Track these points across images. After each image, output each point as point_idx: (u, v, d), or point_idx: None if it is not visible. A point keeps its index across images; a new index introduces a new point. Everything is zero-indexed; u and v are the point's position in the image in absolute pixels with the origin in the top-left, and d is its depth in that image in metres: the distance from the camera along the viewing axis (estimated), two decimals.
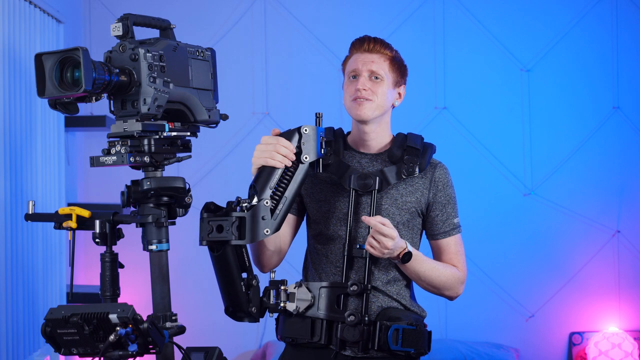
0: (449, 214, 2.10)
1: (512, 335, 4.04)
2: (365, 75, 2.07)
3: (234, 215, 1.78)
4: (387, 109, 2.10)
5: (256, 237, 1.79)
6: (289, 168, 1.88)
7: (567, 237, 4.05)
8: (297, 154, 1.89)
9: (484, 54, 4.06)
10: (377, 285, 2.05)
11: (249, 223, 1.78)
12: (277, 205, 1.83)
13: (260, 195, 1.81)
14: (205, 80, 1.83)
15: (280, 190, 1.85)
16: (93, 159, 1.73)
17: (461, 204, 2.36)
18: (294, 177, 1.88)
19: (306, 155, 1.90)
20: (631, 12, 4.07)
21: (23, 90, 2.90)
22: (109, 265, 1.76)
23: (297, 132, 1.91)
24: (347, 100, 2.09)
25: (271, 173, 1.85)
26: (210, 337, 3.68)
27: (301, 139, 1.90)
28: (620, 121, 4.06)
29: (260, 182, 1.84)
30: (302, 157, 1.90)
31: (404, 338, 1.99)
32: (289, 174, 1.88)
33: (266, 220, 1.80)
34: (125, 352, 1.59)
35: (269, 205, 1.81)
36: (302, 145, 1.90)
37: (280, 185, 1.86)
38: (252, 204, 1.80)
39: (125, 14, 1.70)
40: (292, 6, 4.03)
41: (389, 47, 2.12)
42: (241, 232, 1.78)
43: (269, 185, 1.83)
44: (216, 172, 4.01)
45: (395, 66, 2.11)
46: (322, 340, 1.99)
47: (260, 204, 1.80)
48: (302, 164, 1.89)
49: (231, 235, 1.77)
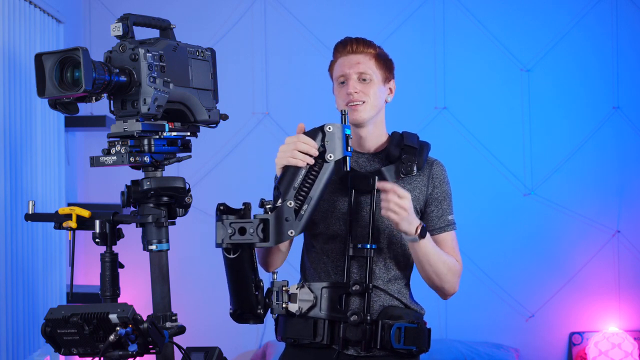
0: (444, 210, 2.10)
1: (512, 335, 4.04)
2: (354, 78, 2.06)
3: (258, 217, 1.75)
4: (381, 108, 2.10)
5: (280, 239, 1.76)
6: (313, 167, 1.84)
7: (567, 237, 4.05)
8: (321, 152, 1.85)
9: (484, 54, 4.06)
10: (378, 284, 2.05)
11: (273, 225, 1.75)
12: (302, 205, 1.79)
13: (284, 196, 1.78)
14: (205, 80, 1.83)
15: (304, 190, 1.81)
16: (93, 159, 1.73)
17: (461, 204, 2.36)
18: (319, 177, 1.83)
19: (330, 154, 1.84)
20: (631, 12, 4.07)
21: (23, 90, 2.90)
22: (109, 265, 1.76)
23: (321, 130, 1.86)
24: (340, 105, 2.09)
25: (295, 173, 1.82)
26: (210, 337, 3.68)
27: (325, 138, 1.86)
28: (620, 121, 4.06)
29: (283, 183, 1.81)
30: (326, 156, 1.84)
31: (406, 336, 1.99)
32: (314, 173, 1.84)
33: (290, 222, 1.76)
34: (125, 352, 1.59)
35: (292, 206, 1.77)
36: (326, 144, 1.85)
37: (305, 185, 1.82)
38: (275, 205, 1.77)
39: (125, 14, 1.70)
40: (292, 6, 4.04)
41: (372, 45, 2.11)
42: (265, 234, 1.75)
43: (293, 185, 1.80)
44: (216, 172, 4.01)
45: (381, 62, 2.10)
46: (325, 340, 1.99)
47: (283, 205, 1.77)
48: (327, 162, 1.85)
49: (256, 237, 1.74)
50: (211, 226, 4.14)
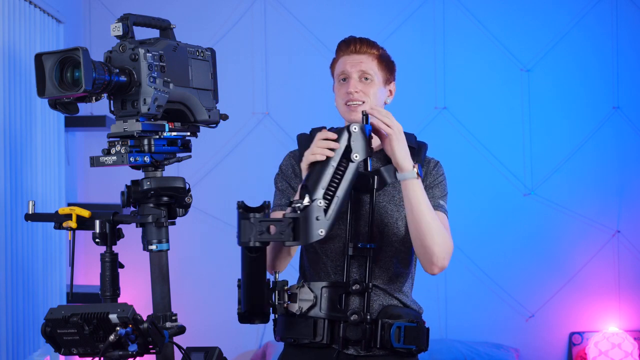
0: (435, 194, 2.08)
1: (512, 335, 4.04)
2: (355, 77, 2.06)
3: (289, 216, 1.75)
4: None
5: (311, 237, 1.75)
6: (339, 167, 1.85)
7: (567, 237, 4.05)
8: (347, 152, 1.86)
9: (484, 54, 4.06)
10: (378, 284, 2.05)
11: (304, 224, 1.74)
12: (330, 205, 1.79)
13: (313, 195, 1.78)
14: (205, 80, 1.83)
15: (331, 190, 1.82)
16: (93, 159, 1.73)
17: (461, 204, 2.37)
18: (345, 176, 1.84)
19: (356, 154, 1.85)
20: (631, 12, 4.07)
21: (23, 90, 2.90)
22: (109, 265, 1.76)
23: (347, 130, 1.87)
24: (340, 103, 2.09)
25: (322, 172, 1.82)
26: (210, 337, 3.68)
27: (350, 138, 1.86)
28: (620, 121, 4.06)
29: (311, 182, 1.81)
30: (352, 156, 1.85)
31: (405, 335, 1.99)
32: (340, 172, 1.85)
33: (320, 221, 1.75)
34: (125, 352, 1.60)
35: (322, 205, 1.77)
36: (351, 143, 1.86)
37: (332, 184, 1.83)
38: (305, 204, 1.77)
39: (125, 14, 1.70)
40: (292, 6, 4.04)
41: (375, 46, 2.11)
42: (295, 233, 1.75)
43: (321, 185, 1.80)
44: (216, 172, 4.01)
45: (383, 64, 2.10)
46: (325, 340, 1.99)
47: (314, 204, 1.76)
48: (352, 162, 1.85)
49: (287, 236, 1.73)
50: (211, 226, 4.17)
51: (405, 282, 2.11)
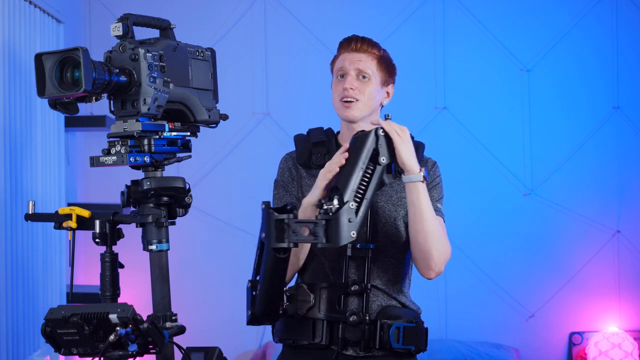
0: (433, 196, 2.08)
1: (512, 335, 4.04)
2: (353, 75, 2.07)
3: (322, 218, 1.76)
4: (375, 109, 2.10)
5: (343, 240, 1.76)
6: (367, 170, 1.87)
7: (567, 237, 4.05)
8: (374, 155, 1.88)
9: (484, 54, 4.06)
10: (376, 284, 2.05)
11: (336, 226, 1.75)
12: (360, 207, 1.81)
13: (344, 197, 1.80)
14: (205, 80, 1.83)
15: (360, 192, 1.84)
16: (93, 159, 1.73)
17: (461, 204, 2.36)
18: (372, 179, 1.86)
19: (383, 157, 1.88)
20: (631, 12, 4.07)
21: (23, 90, 2.89)
22: (109, 265, 1.76)
23: (374, 133, 1.89)
24: (336, 100, 2.10)
25: (350, 174, 1.84)
26: (210, 337, 3.67)
27: (378, 141, 1.89)
28: (620, 121, 4.06)
29: (341, 184, 1.83)
30: (379, 159, 1.88)
31: (405, 336, 1.99)
32: (368, 175, 1.87)
33: (352, 223, 1.77)
34: (125, 352, 1.60)
35: (354, 207, 1.79)
36: (379, 147, 1.89)
37: (361, 186, 1.84)
38: (337, 206, 1.78)
39: (125, 14, 1.70)
40: (292, 6, 4.04)
41: (376, 46, 2.11)
42: (328, 235, 1.75)
43: (351, 187, 1.82)
44: (216, 172, 4.01)
45: (383, 65, 2.10)
46: (324, 341, 1.98)
47: (346, 207, 1.77)
48: (380, 165, 1.88)
49: (322, 238, 1.74)
50: (211, 226, 4.17)
51: (403, 283, 2.11)
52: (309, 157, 2.10)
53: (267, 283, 1.81)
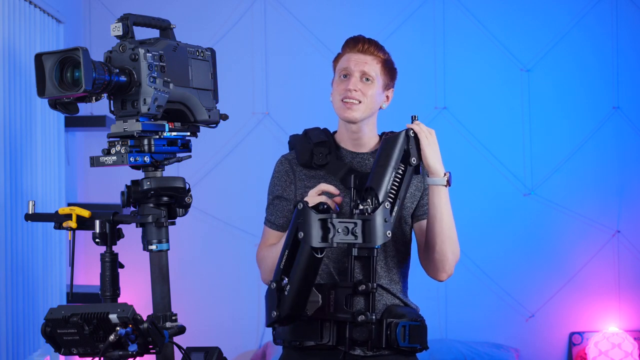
0: None
1: (512, 335, 4.04)
2: (357, 76, 2.07)
3: (360, 218, 1.79)
4: (375, 111, 2.11)
5: (379, 239, 1.80)
6: (398, 170, 1.89)
7: (567, 237, 4.05)
8: (405, 156, 1.91)
9: (484, 54, 4.06)
10: (381, 283, 2.05)
11: (373, 226, 1.79)
12: (393, 207, 1.85)
13: (380, 198, 1.83)
14: (205, 80, 1.83)
15: (393, 192, 1.86)
16: (93, 159, 1.73)
17: (461, 204, 2.36)
18: (404, 179, 1.90)
19: (413, 157, 1.92)
20: (631, 12, 4.07)
21: (23, 90, 2.89)
22: (109, 265, 1.76)
23: (406, 134, 1.93)
24: (336, 99, 2.10)
25: (383, 175, 1.87)
26: (210, 337, 3.68)
27: (409, 142, 1.92)
28: (620, 121, 4.06)
29: (375, 185, 1.85)
30: (410, 160, 1.92)
31: (410, 334, 1.99)
32: (399, 176, 1.90)
33: (387, 223, 1.80)
34: (125, 352, 1.60)
35: (388, 207, 1.82)
36: (410, 148, 1.92)
37: (393, 187, 1.87)
38: (373, 206, 1.81)
39: (125, 14, 1.70)
40: (292, 6, 4.04)
41: (382, 50, 2.12)
42: (365, 235, 1.79)
43: (384, 187, 1.85)
44: (216, 172, 4.01)
45: (386, 69, 2.11)
46: (332, 342, 1.98)
47: (382, 207, 1.81)
48: (410, 166, 1.92)
49: (361, 238, 1.78)
50: (211, 226, 4.17)
51: (404, 282, 2.12)
52: (310, 157, 2.10)
53: (301, 283, 1.82)
